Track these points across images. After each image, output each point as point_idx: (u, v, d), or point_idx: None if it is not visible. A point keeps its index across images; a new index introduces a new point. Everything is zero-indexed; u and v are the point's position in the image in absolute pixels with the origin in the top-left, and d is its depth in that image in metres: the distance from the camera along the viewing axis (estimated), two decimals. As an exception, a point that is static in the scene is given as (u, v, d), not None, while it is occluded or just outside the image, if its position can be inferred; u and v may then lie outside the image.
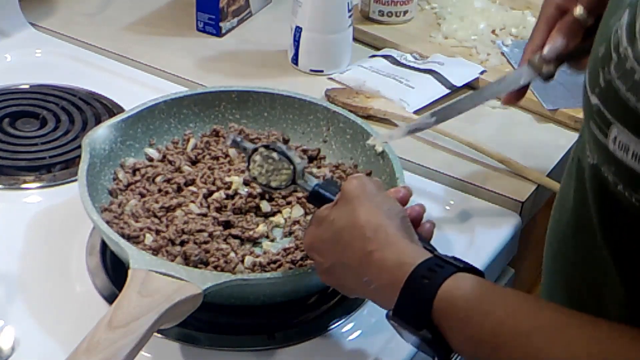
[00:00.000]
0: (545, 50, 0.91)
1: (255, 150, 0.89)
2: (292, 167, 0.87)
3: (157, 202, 0.96)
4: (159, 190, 0.98)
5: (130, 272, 0.80)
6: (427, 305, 0.68)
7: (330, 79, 1.26)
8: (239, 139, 0.91)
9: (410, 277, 0.69)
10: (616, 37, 0.61)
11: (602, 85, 0.62)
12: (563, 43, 0.90)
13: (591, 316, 0.64)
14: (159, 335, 0.85)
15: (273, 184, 0.89)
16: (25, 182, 1.05)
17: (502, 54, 1.31)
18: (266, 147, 0.89)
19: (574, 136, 1.17)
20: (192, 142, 1.04)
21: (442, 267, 0.70)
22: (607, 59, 0.62)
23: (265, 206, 0.97)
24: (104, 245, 0.94)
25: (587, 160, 0.68)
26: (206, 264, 0.89)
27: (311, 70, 1.27)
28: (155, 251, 0.89)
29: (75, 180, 0.93)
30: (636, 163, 0.59)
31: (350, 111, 1.06)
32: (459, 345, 0.68)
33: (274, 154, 0.88)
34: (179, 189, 0.98)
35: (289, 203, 0.98)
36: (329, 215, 0.78)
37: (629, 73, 0.59)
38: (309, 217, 0.96)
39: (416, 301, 0.69)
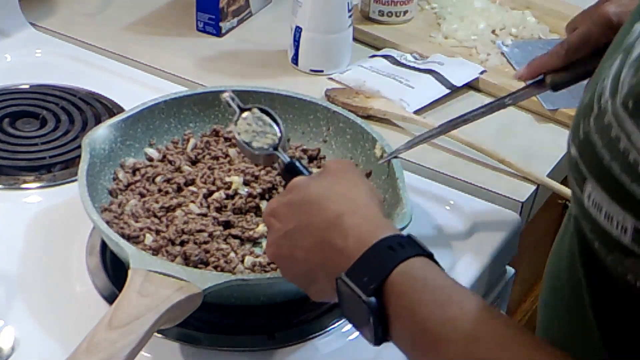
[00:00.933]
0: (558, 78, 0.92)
1: (249, 109, 0.90)
2: (279, 134, 0.88)
3: (157, 202, 0.96)
4: (159, 190, 0.98)
5: (130, 272, 0.80)
6: (386, 271, 0.65)
7: (330, 79, 1.26)
8: (233, 98, 0.91)
9: (378, 243, 0.67)
10: (601, 86, 0.57)
11: (581, 137, 0.58)
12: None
13: (540, 340, 0.62)
14: (159, 335, 0.85)
15: (255, 144, 0.88)
16: (25, 182, 1.05)
17: (502, 54, 1.31)
18: (260, 109, 0.90)
19: (574, 136, 1.17)
20: (192, 142, 1.04)
21: (413, 246, 0.67)
22: (589, 110, 0.57)
23: (265, 206, 0.97)
24: (104, 245, 0.94)
25: (571, 210, 0.65)
26: (206, 264, 0.89)
27: (311, 70, 1.27)
28: (155, 251, 0.89)
29: (75, 180, 0.93)
30: (608, 223, 0.55)
31: (350, 111, 1.06)
32: (399, 328, 0.65)
33: (265, 118, 0.89)
34: (179, 189, 0.98)
35: (289, 203, 0.98)
36: (305, 182, 0.76)
37: (606, 128, 0.55)
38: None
39: (376, 265, 0.66)
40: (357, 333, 0.88)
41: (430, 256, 0.67)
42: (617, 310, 0.62)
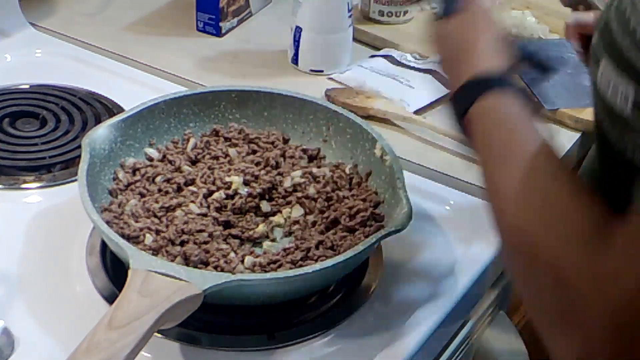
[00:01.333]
0: None
1: None
2: None
3: (157, 202, 0.96)
4: (159, 190, 0.98)
5: (130, 272, 0.80)
6: (467, 104, 0.76)
7: (330, 79, 1.26)
8: None
9: (471, 79, 0.77)
10: None
11: (601, 25, 0.68)
12: None
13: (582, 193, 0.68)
14: (159, 335, 0.85)
15: None
16: (25, 182, 1.04)
17: (502, 54, 1.31)
18: None
19: (574, 136, 1.17)
20: (192, 141, 1.04)
21: (498, 82, 0.75)
22: (611, 3, 0.68)
23: (265, 206, 0.97)
24: (104, 245, 0.94)
25: None
26: (206, 264, 0.89)
27: (311, 70, 1.27)
28: (155, 251, 0.89)
29: (75, 180, 0.93)
30: (614, 96, 0.64)
31: (351, 111, 1.06)
32: (477, 148, 0.77)
33: None
34: (179, 189, 0.98)
35: (288, 203, 0.98)
36: (448, 23, 0.85)
37: (622, 13, 0.65)
38: (309, 217, 0.96)
39: (464, 98, 0.77)
40: (357, 333, 0.89)
41: (515, 89, 0.75)
42: (622, 191, 0.66)
